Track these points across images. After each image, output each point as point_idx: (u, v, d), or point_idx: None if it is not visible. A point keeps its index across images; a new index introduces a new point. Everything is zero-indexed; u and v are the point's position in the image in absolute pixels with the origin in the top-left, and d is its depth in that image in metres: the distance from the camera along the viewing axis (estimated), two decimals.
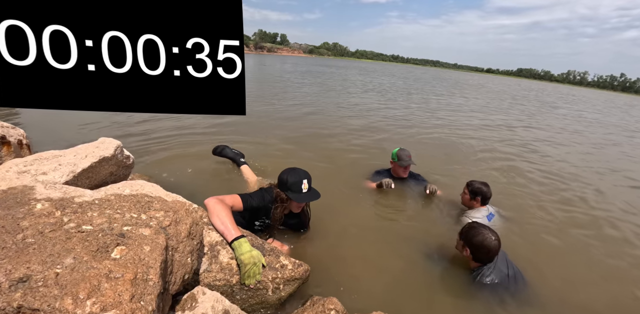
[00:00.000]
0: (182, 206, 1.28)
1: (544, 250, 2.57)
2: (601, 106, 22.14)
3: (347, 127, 6.23)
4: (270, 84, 13.31)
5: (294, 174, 1.97)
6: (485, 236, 1.94)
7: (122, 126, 4.86)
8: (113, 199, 1.19)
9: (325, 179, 3.34)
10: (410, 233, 2.57)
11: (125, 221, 1.04)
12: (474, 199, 2.73)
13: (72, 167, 1.49)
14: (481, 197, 2.71)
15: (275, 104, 8.28)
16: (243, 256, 1.48)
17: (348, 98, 10.67)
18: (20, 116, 4.91)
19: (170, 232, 1.11)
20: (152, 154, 3.68)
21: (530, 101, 18.13)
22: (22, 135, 2.14)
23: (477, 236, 1.96)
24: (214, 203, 1.64)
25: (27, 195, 1.12)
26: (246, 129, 5.23)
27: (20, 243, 0.86)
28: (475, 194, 2.72)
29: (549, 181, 4.22)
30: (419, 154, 4.04)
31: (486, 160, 4.93)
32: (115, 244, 0.89)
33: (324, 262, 2.06)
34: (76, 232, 0.91)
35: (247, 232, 1.74)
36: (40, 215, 0.98)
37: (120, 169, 1.79)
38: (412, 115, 8.50)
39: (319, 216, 2.41)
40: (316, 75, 20.22)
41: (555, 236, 2.79)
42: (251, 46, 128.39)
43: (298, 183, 1.94)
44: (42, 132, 4.13)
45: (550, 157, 5.60)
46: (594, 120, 12.50)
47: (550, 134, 8.00)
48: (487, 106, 13.02)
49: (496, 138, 6.66)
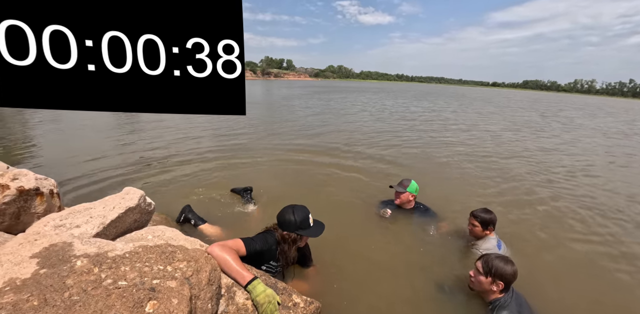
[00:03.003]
0: (201, 254, 1.41)
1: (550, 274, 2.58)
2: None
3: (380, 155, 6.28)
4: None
5: (299, 212, 2.03)
6: (511, 262, 2.00)
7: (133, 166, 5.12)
8: (141, 251, 1.34)
9: (336, 209, 3.45)
10: (419, 267, 2.60)
11: (154, 274, 1.17)
12: (487, 229, 2.70)
13: (102, 219, 1.66)
14: (493, 226, 2.70)
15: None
16: (258, 297, 1.58)
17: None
18: (41, 161, 5.23)
19: (193, 282, 1.24)
20: (163, 189, 3.89)
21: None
22: (54, 185, 2.34)
23: (505, 266, 1.98)
24: (218, 251, 1.63)
25: (67, 252, 1.27)
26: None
27: (67, 301, 1.00)
28: (487, 224, 2.69)
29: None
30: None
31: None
32: (148, 299, 1.02)
33: (334, 297, 2.13)
34: (114, 289, 1.05)
35: (259, 272, 1.84)
36: (82, 272, 1.12)
37: (143, 216, 1.95)
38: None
39: (326, 250, 2.49)
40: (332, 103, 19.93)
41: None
42: (258, 72, 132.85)
43: (306, 219, 2.02)
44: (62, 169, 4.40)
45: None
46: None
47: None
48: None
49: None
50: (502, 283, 1.98)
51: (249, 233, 2.05)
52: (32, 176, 2.01)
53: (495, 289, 2.01)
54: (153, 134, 7.70)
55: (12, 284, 1.05)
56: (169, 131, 8.01)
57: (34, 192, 1.94)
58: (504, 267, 1.98)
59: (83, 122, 8.98)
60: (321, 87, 48.67)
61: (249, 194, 3.72)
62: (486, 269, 2.03)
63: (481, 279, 2.05)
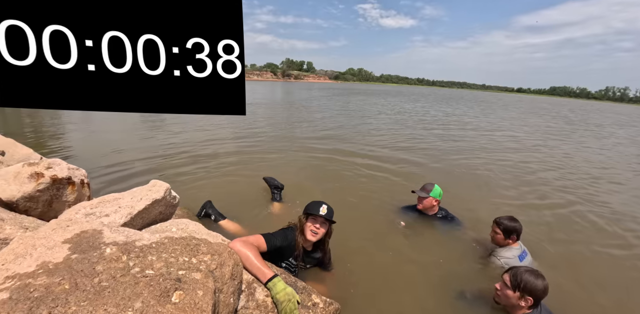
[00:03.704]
0: (225, 249, 1.41)
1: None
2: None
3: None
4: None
5: (317, 201, 2.15)
6: (542, 277, 1.88)
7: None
8: (167, 242, 1.35)
9: (356, 211, 3.41)
10: (439, 275, 2.51)
11: (180, 265, 1.18)
12: (509, 237, 2.59)
13: (130, 209, 1.69)
14: (516, 234, 2.57)
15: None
16: (278, 295, 1.57)
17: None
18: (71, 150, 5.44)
19: (217, 275, 1.23)
20: (186, 185, 3.96)
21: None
22: (84, 175, 2.41)
23: (536, 280, 1.87)
24: (240, 247, 1.65)
25: (97, 239, 1.30)
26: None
27: (97, 286, 1.01)
28: (510, 232, 2.57)
29: None
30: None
31: None
32: (174, 289, 1.02)
33: (351, 302, 2.09)
34: (141, 277, 1.06)
35: (280, 270, 1.83)
36: (111, 259, 1.14)
37: (167, 208, 1.98)
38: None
39: (345, 254, 2.46)
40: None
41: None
42: (279, 74, 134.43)
43: (317, 206, 2.07)
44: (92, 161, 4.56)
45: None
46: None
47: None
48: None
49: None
50: (531, 299, 1.86)
51: (269, 230, 2.05)
52: (64, 166, 2.08)
53: (524, 305, 1.88)
54: (175, 128, 7.90)
55: (45, 267, 1.07)
56: (191, 127, 8.21)
57: (66, 181, 2.01)
58: (534, 281, 1.85)
59: (110, 116, 9.30)
60: (341, 89, 48.65)
61: (279, 192, 3.71)
62: (514, 283, 1.90)
63: (508, 293, 1.93)
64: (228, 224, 2.96)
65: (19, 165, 1.97)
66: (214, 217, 3.00)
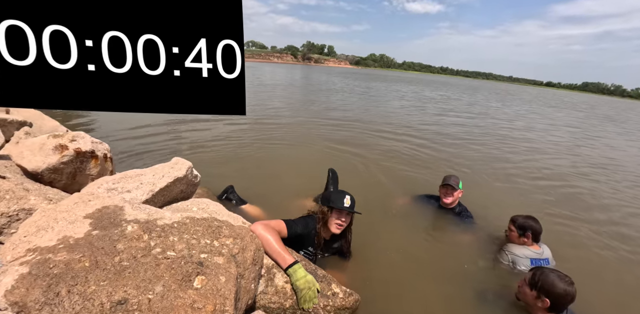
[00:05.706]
0: (247, 232, 1.36)
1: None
2: None
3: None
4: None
5: (338, 191, 2.04)
6: (567, 281, 1.75)
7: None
8: (188, 222, 1.30)
9: (378, 202, 3.32)
10: (459, 271, 2.41)
11: (201, 248, 1.12)
12: (524, 235, 2.45)
13: (151, 186, 1.65)
14: (532, 233, 2.42)
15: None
16: (298, 282, 1.52)
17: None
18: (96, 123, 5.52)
19: (239, 260, 1.18)
20: (206, 164, 3.94)
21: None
22: (107, 149, 2.39)
23: (558, 283, 1.75)
24: (261, 230, 1.59)
25: (118, 215, 1.26)
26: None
27: (117, 266, 0.97)
28: (524, 229, 2.44)
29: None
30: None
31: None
32: (196, 274, 0.97)
33: (374, 293, 2.03)
34: (163, 259, 1.01)
35: (300, 257, 1.78)
36: (132, 238, 1.10)
37: (189, 187, 1.94)
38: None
39: (365, 245, 2.39)
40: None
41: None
42: (299, 57, 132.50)
43: (341, 197, 1.96)
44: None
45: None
46: None
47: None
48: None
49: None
50: (547, 301, 1.77)
51: (289, 216, 1.99)
52: (88, 139, 2.06)
53: (541, 306, 1.80)
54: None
55: (66, 242, 1.04)
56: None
57: (90, 154, 1.99)
58: (553, 282, 1.75)
59: None
60: (363, 74, 47.58)
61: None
62: (532, 281, 1.84)
63: (526, 290, 1.88)
64: (249, 208, 2.93)
65: (44, 136, 1.95)
66: (235, 202, 2.98)
